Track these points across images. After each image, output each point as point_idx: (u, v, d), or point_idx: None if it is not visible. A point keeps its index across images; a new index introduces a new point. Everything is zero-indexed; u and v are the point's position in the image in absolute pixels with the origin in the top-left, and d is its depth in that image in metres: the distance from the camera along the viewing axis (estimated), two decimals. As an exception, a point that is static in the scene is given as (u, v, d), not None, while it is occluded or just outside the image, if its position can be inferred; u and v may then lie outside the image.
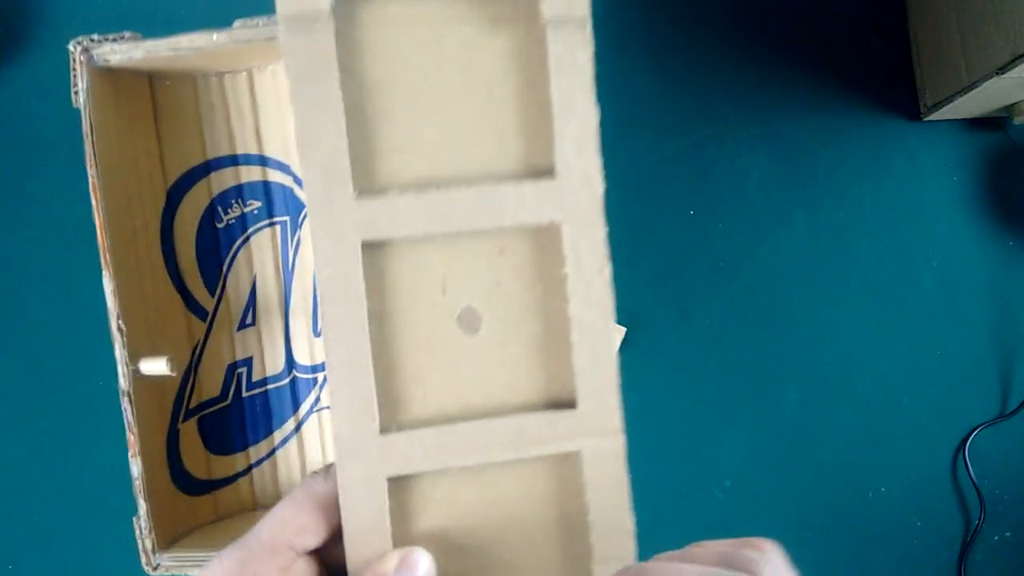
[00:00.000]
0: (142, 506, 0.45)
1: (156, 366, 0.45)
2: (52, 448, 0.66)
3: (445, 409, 0.28)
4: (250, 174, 0.56)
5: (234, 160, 0.56)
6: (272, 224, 0.57)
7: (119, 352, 0.45)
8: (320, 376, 0.57)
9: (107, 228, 0.46)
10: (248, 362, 0.56)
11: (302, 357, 0.56)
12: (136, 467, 0.45)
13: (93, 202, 0.46)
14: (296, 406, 0.56)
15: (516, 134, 0.28)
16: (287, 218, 0.56)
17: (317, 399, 0.57)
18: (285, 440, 0.56)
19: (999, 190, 0.70)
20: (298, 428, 0.56)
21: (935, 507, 0.70)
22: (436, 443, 0.28)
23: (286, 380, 0.56)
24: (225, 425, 0.55)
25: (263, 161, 0.56)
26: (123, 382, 0.45)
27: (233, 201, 0.56)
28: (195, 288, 0.56)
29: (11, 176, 0.67)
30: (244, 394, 0.56)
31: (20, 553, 0.66)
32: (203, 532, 0.49)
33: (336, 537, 0.27)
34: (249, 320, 0.56)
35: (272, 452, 0.56)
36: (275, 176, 0.57)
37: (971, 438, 0.70)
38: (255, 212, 0.57)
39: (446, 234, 0.28)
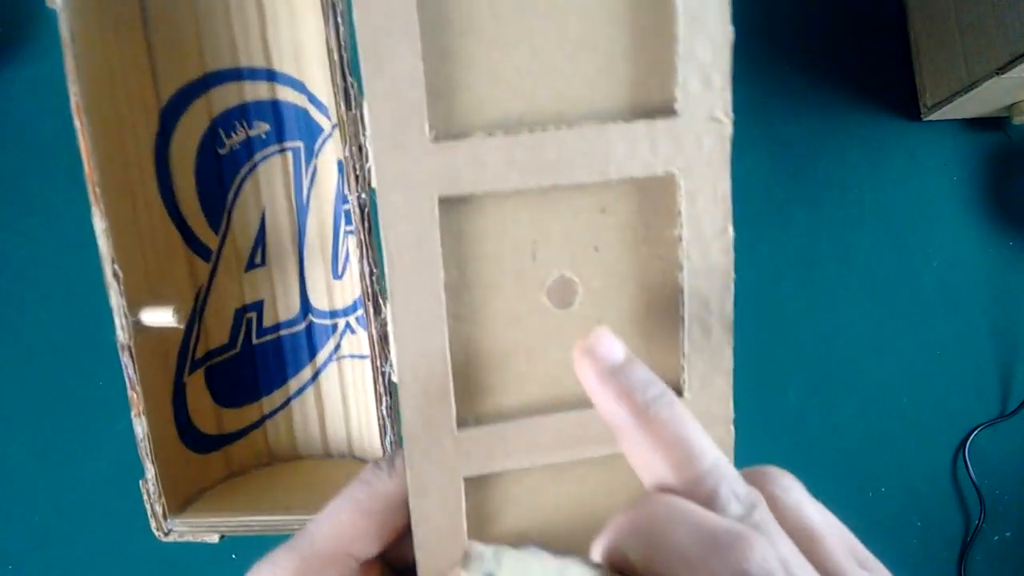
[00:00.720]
0: (149, 469, 0.40)
1: (160, 316, 0.40)
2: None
3: (532, 398, 0.24)
4: (256, 91, 0.48)
5: (237, 74, 0.48)
6: (283, 151, 0.49)
7: (116, 301, 0.39)
8: (340, 323, 0.50)
9: (94, 157, 0.39)
10: (259, 306, 0.50)
11: (319, 301, 0.50)
12: (141, 427, 0.40)
13: (77, 126, 0.39)
14: (313, 353, 0.51)
15: (627, 59, 0.23)
16: (300, 144, 0.49)
17: (337, 347, 0.51)
18: (301, 389, 0.51)
19: (999, 190, 0.70)
20: (315, 377, 0.51)
21: (935, 507, 0.70)
22: (521, 438, 0.24)
23: (302, 325, 0.50)
24: (235, 375, 0.50)
25: (271, 76, 0.48)
26: (122, 335, 0.40)
27: (237, 123, 0.48)
28: (196, 224, 0.48)
29: (11, 176, 0.67)
30: (255, 341, 0.50)
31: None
32: (216, 493, 0.46)
33: (401, 536, 0.24)
34: (259, 260, 0.50)
35: (287, 402, 0.51)
36: (285, 94, 0.48)
37: (971, 438, 0.69)
38: (263, 137, 0.49)
39: (540, 187, 0.23)
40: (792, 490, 0.21)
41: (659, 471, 0.20)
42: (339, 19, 0.28)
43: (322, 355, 0.51)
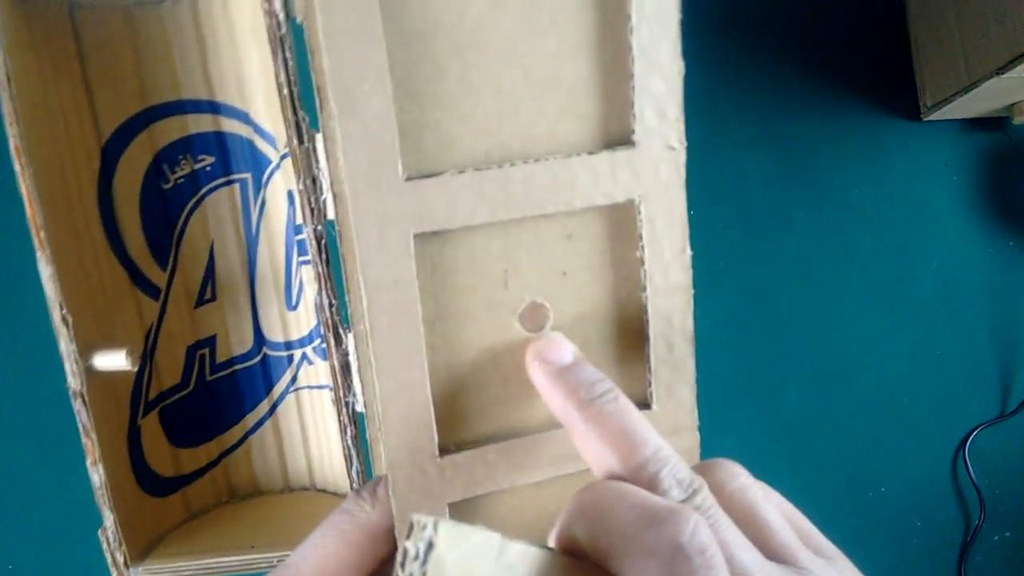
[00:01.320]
0: (108, 517, 0.40)
1: (113, 360, 0.40)
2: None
3: (509, 421, 0.25)
4: (199, 124, 0.47)
5: (179, 107, 0.47)
6: (229, 183, 0.48)
7: (65, 347, 0.39)
8: (297, 354, 0.50)
9: (37, 200, 0.39)
10: (211, 342, 0.49)
11: (273, 333, 0.50)
12: (97, 476, 0.39)
13: (17, 168, 0.38)
14: (269, 387, 0.50)
15: (588, 95, 0.24)
16: (247, 175, 0.48)
17: (293, 379, 0.50)
18: (259, 424, 0.50)
19: (999, 190, 0.70)
20: (273, 410, 0.51)
21: (935, 507, 0.70)
22: (501, 461, 0.24)
23: (256, 359, 0.50)
24: (190, 414, 0.49)
25: (215, 108, 0.47)
26: (73, 381, 0.39)
27: (180, 156, 0.47)
28: (143, 262, 0.47)
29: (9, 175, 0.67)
30: (208, 378, 0.49)
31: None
32: (177, 536, 0.46)
33: (384, 565, 0.25)
34: (208, 295, 0.49)
35: (245, 438, 0.50)
36: (230, 126, 0.48)
37: (971, 438, 0.70)
38: (208, 169, 0.48)
39: (509, 220, 0.24)
40: (738, 476, 0.22)
41: (607, 462, 0.21)
42: (287, 54, 0.28)
43: (278, 388, 0.51)
